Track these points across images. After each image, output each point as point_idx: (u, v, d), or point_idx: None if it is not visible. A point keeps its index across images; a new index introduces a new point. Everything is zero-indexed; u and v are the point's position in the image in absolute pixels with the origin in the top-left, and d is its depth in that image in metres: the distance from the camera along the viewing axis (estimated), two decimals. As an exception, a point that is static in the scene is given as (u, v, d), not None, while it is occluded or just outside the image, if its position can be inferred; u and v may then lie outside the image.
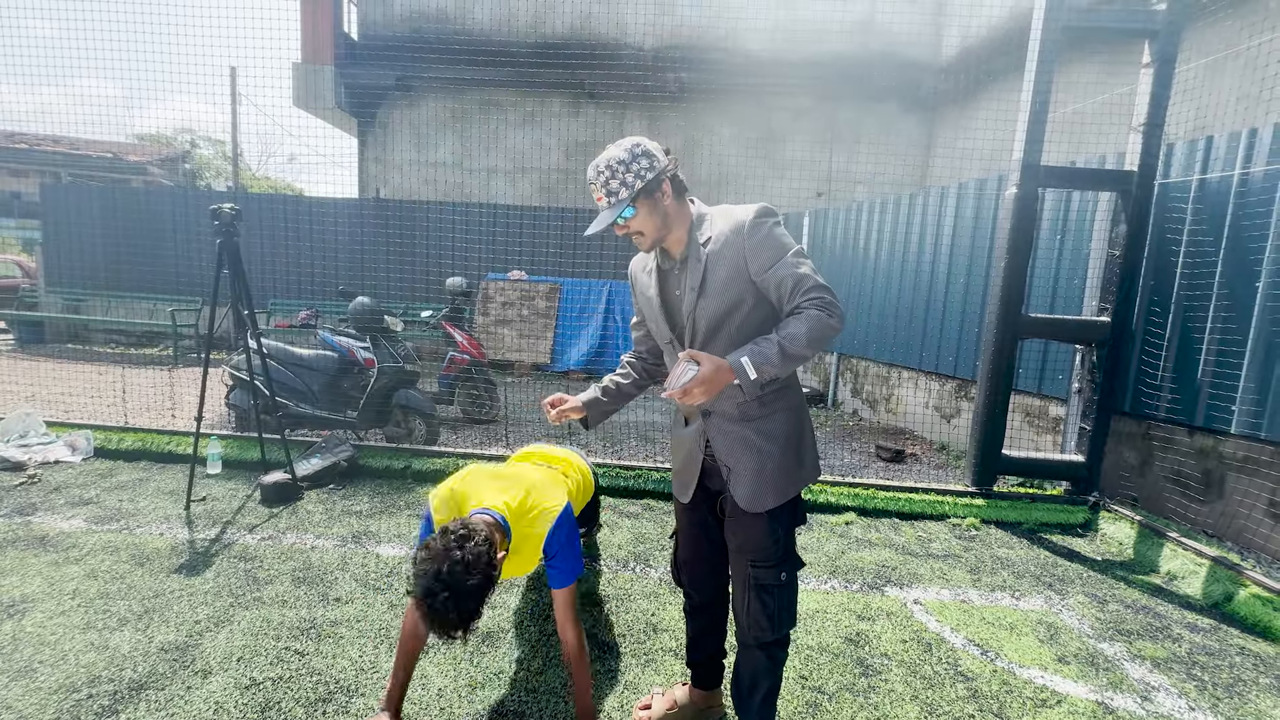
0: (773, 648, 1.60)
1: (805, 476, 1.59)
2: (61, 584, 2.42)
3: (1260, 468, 3.12)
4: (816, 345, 1.39)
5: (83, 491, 3.37)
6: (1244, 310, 3.20)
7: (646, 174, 1.44)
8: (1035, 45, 3.43)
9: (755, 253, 1.44)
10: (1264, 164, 3.16)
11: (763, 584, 1.55)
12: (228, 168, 19.44)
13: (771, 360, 1.36)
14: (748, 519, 1.55)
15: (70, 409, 4.89)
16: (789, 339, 1.37)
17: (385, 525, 3.14)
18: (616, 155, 1.45)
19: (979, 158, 5.28)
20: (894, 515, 3.62)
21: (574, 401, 1.75)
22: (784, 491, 1.54)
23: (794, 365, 1.42)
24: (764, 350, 1.37)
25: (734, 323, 1.50)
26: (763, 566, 1.55)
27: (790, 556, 1.59)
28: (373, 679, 1.96)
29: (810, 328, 1.37)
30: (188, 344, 8.45)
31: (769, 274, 1.43)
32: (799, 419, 1.59)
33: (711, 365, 1.36)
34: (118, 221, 9.04)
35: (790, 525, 1.59)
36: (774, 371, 1.38)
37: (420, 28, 9.52)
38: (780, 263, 1.42)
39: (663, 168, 1.47)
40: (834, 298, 1.40)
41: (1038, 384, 4.39)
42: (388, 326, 4.49)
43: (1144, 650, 2.38)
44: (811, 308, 1.39)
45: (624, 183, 1.44)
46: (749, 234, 1.44)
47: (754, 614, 1.57)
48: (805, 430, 1.61)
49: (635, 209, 1.46)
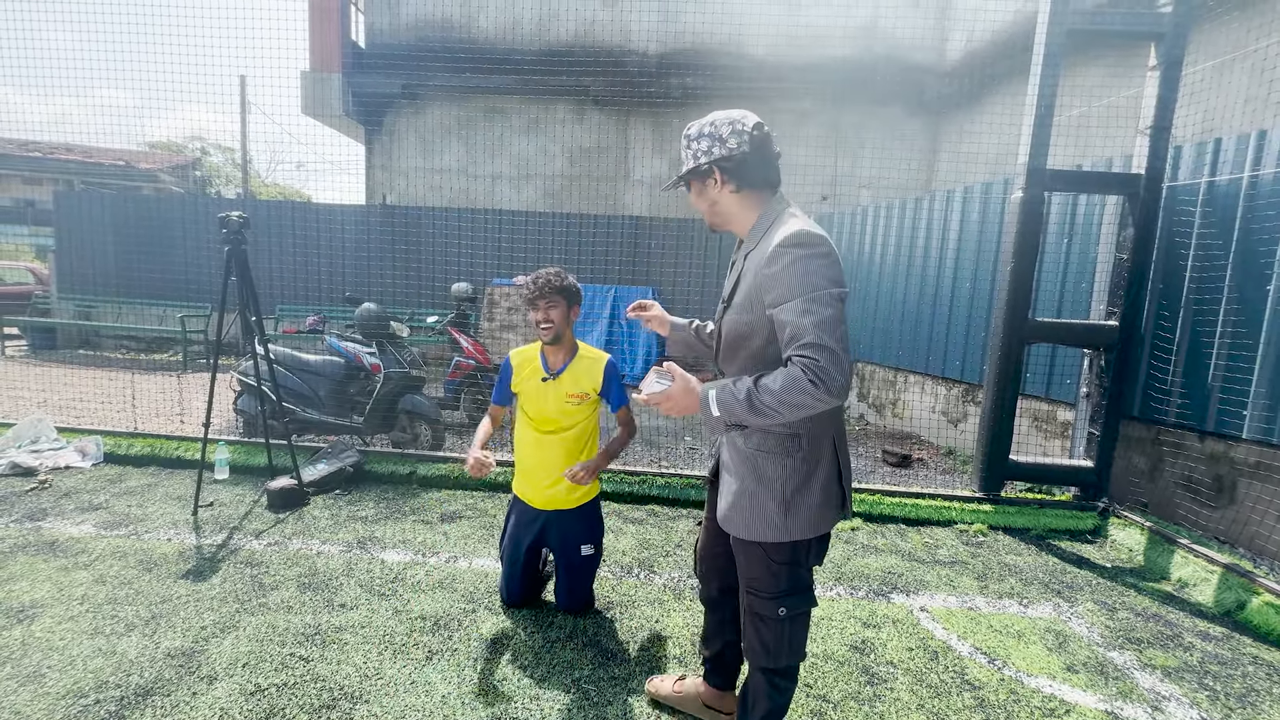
0: (771, 674, 1.53)
1: (791, 530, 1.40)
2: (70, 589, 2.45)
3: (1273, 473, 3.08)
4: (789, 409, 1.23)
5: (92, 497, 3.40)
6: (1255, 313, 3.17)
7: (700, 157, 1.39)
8: (1040, 49, 3.42)
9: (769, 283, 1.30)
10: (1274, 166, 3.13)
11: (758, 613, 1.49)
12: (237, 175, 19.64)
13: (736, 407, 1.26)
14: (740, 543, 1.48)
15: (81, 414, 4.94)
16: (762, 389, 1.24)
17: (391, 531, 3.15)
18: (695, 127, 1.41)
19: (984, 161, 5.26)
20: (900, 521, 3.60)
21: (663, 317, 1.83)
22: (753, 529, 1.42)
23: (762, 421, 1.27)
24: (735, 392, 1.26)
25: (750, 348, 1.41)
26: (759, 596, 1.48)
27: (793, 593, 1.47)
28: (376, 685, 1.97)
29: (784, 386, 1.21)
30: (197, 350, 8.53)
31: (775, 311, 1.29)
32: (806, 467, 1.41)
33: (681, 386, 1.32)
34: (129, 228, 9.14)
35: (792, 563, 1.45)
36: (739, 418, 1.27)
37: (426, 36, 9.60)
38: (788, 304, 1.26)
39: (720, 156, 1.37)
40: (829, 361, 1.20)
41: (1045, 388, 4.35)
42: (394, 332, 4.51)
43: (1154, 659, 2.34)
44: (798, 366, 1.22)
45: (691, 155, 1.42)
46: (768, 262, 1.30)
47: (750, 639, 1.53)
48: (810, 482, 1.41)
49: (689, 187, 1.45)
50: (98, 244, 9.26)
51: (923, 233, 5.63)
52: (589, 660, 2.15)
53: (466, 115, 9.81)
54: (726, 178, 1.39)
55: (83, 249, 9.33)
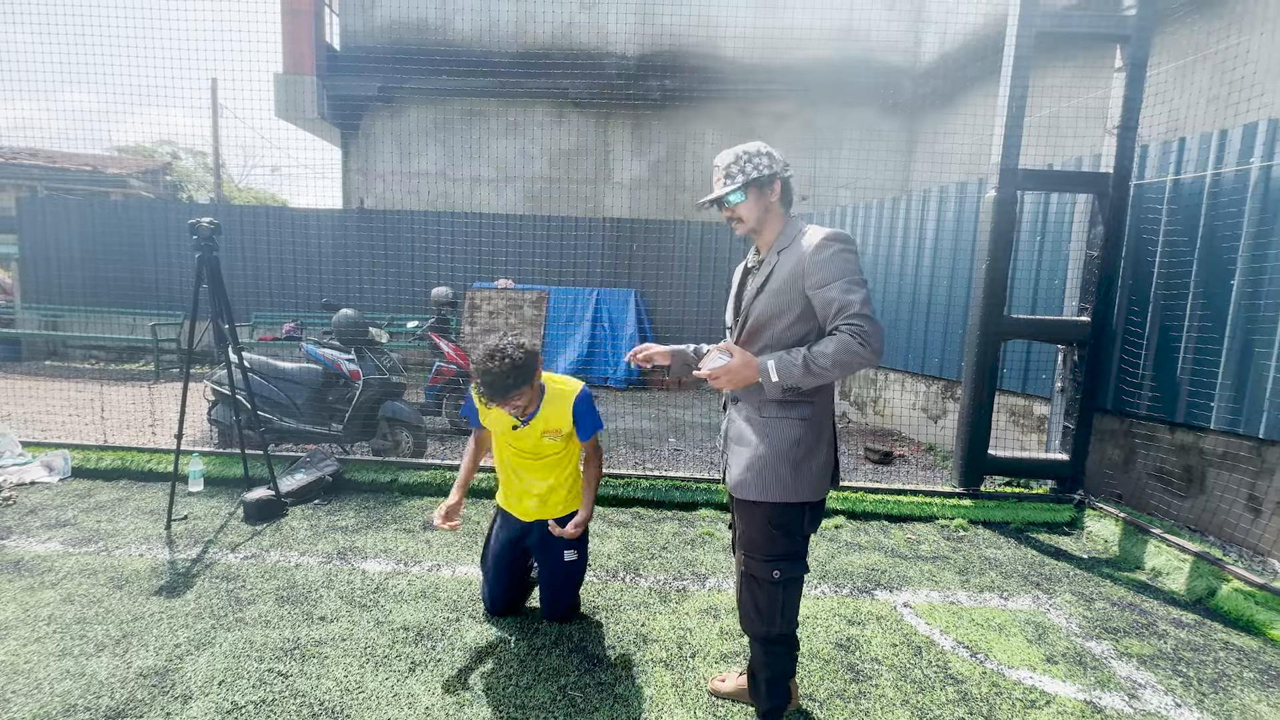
0: (767, 643, 1.65)
1: (799, 490, 1.60)
2: (36, 609, 2.36)
3: (1239, 462, 3.17)
4: (842, 368, 1.47)
5: (59, 513, 3.29)
6: (1220, 308, 3.26)
7: (765, 169, 1.60)
8: (1010, 50, 3.48)
9: (815, 268, 1.53)
10: (1234, 165, 3.23)
11: (753, 575, 1.62)
12: (210, 179, 19.25)
13: (794, 371, 1.48)
14: (744, 507, 1.64)
15: (48, 428, 4.79)
16: (816, 355, 1.47)
17: (372, 540, 3.10)
18: (746, 149, 1.63)
19: (959, 161, 5.34)
20: (883, 518, 3.63)
21: (660, 349, 1.90)
22: (768, 489, 1.59)
23: (816, 381, 1.50)
24: (791, 359, 1.50)
25: (776, 328, 1.61)
26: (755, 558, 1.62)
27: (789, 556, 1.63)
28: (359, 700, 1.93)
29: (838, 349, 1.45)
30: (170, 359, 8.33)
31: (820, 291, 1.52)
32: (811, 434, 1.62)
33: (740, 359, 1.56)
34: (97, 235, 8.90)
35: (791, 527, 1.63)
36: (795, 381, 1.50)
37: (402, 38, 9.50)
38: (835, 284, 1.50)
39: (779, 170, 1.62)
40: (873, 329, 1.46)
41: (1022, 384, 4.44)
42: (373, 338, 4.45)
43: (1130, 648, 2.39)
44: (847, 332, 1.46)
45: (743, 169, 1.61)
46: (815, 250, 1.54)
47: (744, 603, 1.64)
48: (817, 448, 1.63)
49: (745, 195, 1.61)
50: (64, 252, 9.01)
51: (900, 232, 5.70)
52: (574, 667, 2.13)
53: (444, 118, 9.73)
54: (781, 189, 1.64)
55: (48, 257, 9.07)
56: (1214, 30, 4.48)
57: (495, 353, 1.99)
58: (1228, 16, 4.43)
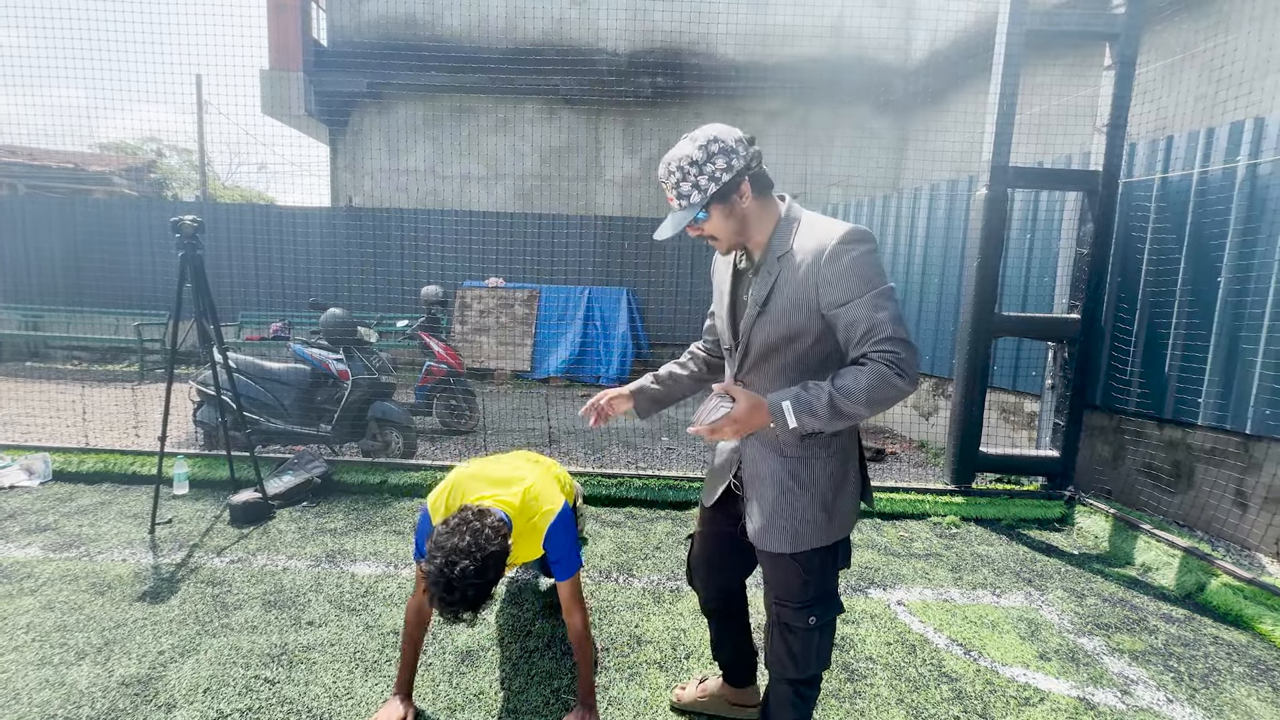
0: (797, 685, 1.50)
1: (832, 532, 1.41)
2: (15, 617, 2.31)
3: (1227, 458, 3.20)
4: (876, 406, 1.21)
5: (40, 518, 3.22)
6: (1207, 304, 3.28)
7: (722, 175, 1.28)
8: (1000, 49, 3.49)
9: (831, 284, 1.26)
10: (1221, 163, 3.25)
11: (788, 624, 1.45)
12: (195, 177, 19.00)
13: (818, 413, 1.22)
14: (771, 556, 1.45)
15: (28, 430, 4.69)
16: (844, 393, 1.20)
17: (361, 543, 3.06)
18: (689, 154, 1.28)
19: (950, 158, 5.35)
20: (875, 516, 3.63)
21: (618, 391, 1.68)
22: (800, 540, 1.39)
23: (844, 424, 1.24)
24: (813, 399, 1.22)
25: (791, 353, 1.36)
26: (789, 606, 1.44)
27: (824, 600, 1.45)
28: (347, 706, 1.90)
29: (871, 384, 1.19)
30: (155, 359, 8.20)
31: (841, 310, 1.26)
32: (843, 466, 1.42)
33: (747, 404, 1.26)
34: (79, 234, 8.75)
35: (824, 568, 1.44)
36: (818, 426, 1.23)
37: (390, 33, 9.39)
38: (857, 301, 1.24)
39: (741, 167, 1.29)
40: (910, 354, 1.21)
41: (1012, 381, 4.46)
42: (362, 338, 4.40)
43: (1122, 643, 2.41)
44: (881, 362, 1.20)
45: (696, 185, 1.29)
46: (828, 261, 1.26)
47: (777, 650, 1.48)
48: (848, 478, 1.43)
49: (708, 214, 1.32)
50: (44, 251, 8.84)
51: (891, 229, 5.71)
52: (568, 669, 2.11)
53: (434, 114, 9.64)
54: (751, 187, 1.33)
55: (28, 256, 8.90)
56: (1202, 29, 4.52)
57: (453, 567, 1.42)
58: (1215, 15, 4.47)
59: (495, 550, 1.48)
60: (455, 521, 1.51)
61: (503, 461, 2.08)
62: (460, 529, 1.48)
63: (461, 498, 1.78)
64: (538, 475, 1.91)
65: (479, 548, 1.46)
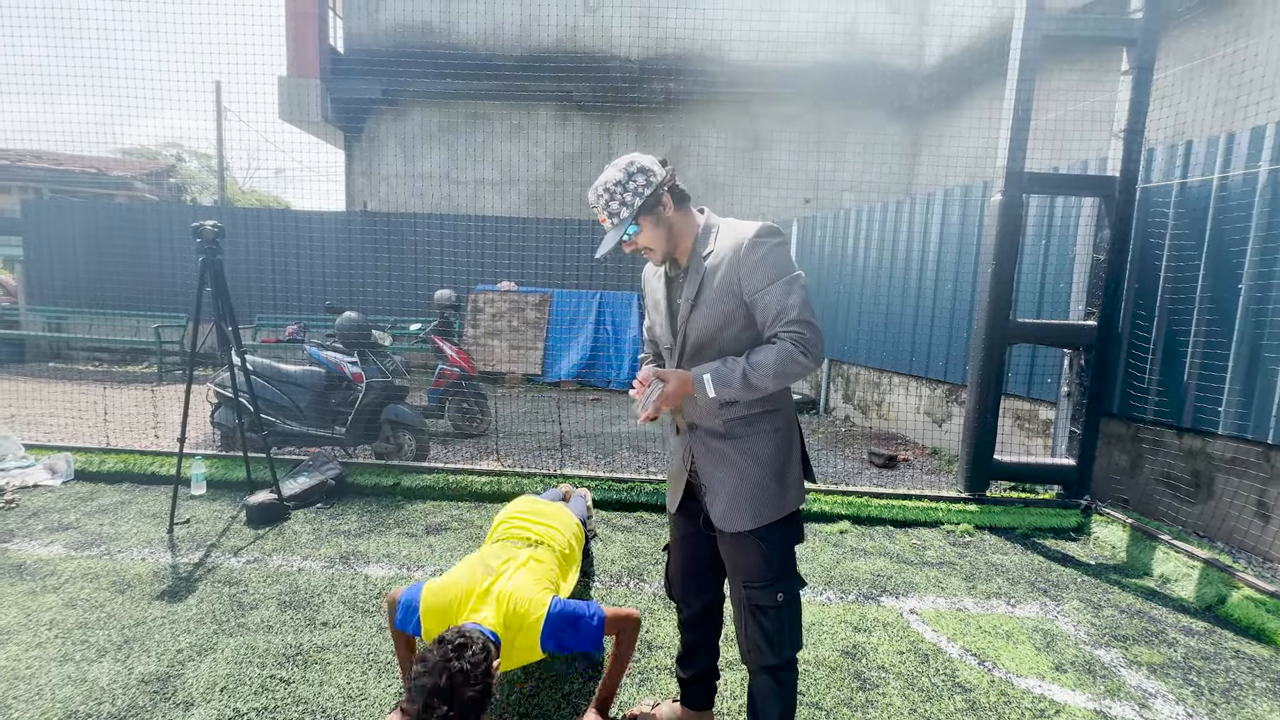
0: (777, 672, 1.55)
1: (788, 502, 1.54)
2: (38, 614, 2.35)
3: (1248, 468, 3.14)
4: (782, 379, 1.39)
5: (62, 516, 3.29)
6: (1227, 311, 3.23)
7: (644, 190, 1.46)
8: (1016, 53, 3.47)
9: (750, 272, 1.43)
10: (1242, 168, 3.20)
11: (758, 605, 1.52)
12: (214, 182, 19.32)
13: (732, 384, 1.40)
14: (735, 539, 1.53)
15: (51, 430, 4.79)
16: (754, 366, 1.39)
17: (374, 545, 3.08)
18: (613, 177, 1.46)
19: (964, 163, 5.32)
20: (888, 523, 3.61)
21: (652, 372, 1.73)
22: (760, 514, 1.50)
23: (755, 394, 1.43)
24: (729, 372, 1.40)
25: (724, 339, 1.50)
26: (757, 587, 1.52)
27: (787, 575, 1.54)
28: (361, 706, 1.92)
29: (778, 360, 1.38)
30: (173, 360, 8.34)
31: (758, 296, 1.43)
32: (787, 441, 1.56)
33: (676, 381, 1.44)
34: (101, 237, 8.93)
35: (783, 544, 1.55)
36: (734, 395, 1.41)
37: (406, 41, 9.52)
38: (770, 287, 1.42)
39: (660, 181, 1.47)
40: (814, 334, 1.39)
41: (1027, 388, 4.41)
42: (376, 341, 4.45)
43: (1140, 656, 2.37)
44: (787, 340, 1.39)
45: (624, 202, 1.46)
46: (746, 252, 1.43)
47: (752, 637, 1.54)
48: (793, 453, 1.57)
49: (639, 226, 1.48)
50: (68, 254, 9.04)
51: (904, 235, 5.68)
52: (579, 673, 2.12)
53: (448, 120, 9.74)
54: (672, 198, 1.50)
55: (52, 259, 9.10)
56: (1221, 33, 4.46)
57: (431, 713, 1.36)
58: (1235, 19, 4.41)
59: (474, 694, 1.40)
60: (436, 657, 1.42)
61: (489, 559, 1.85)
62: (439, 669, 1.40)
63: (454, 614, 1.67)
64: (519, 581, 1.75)
65: (456, 696, 1.38)
